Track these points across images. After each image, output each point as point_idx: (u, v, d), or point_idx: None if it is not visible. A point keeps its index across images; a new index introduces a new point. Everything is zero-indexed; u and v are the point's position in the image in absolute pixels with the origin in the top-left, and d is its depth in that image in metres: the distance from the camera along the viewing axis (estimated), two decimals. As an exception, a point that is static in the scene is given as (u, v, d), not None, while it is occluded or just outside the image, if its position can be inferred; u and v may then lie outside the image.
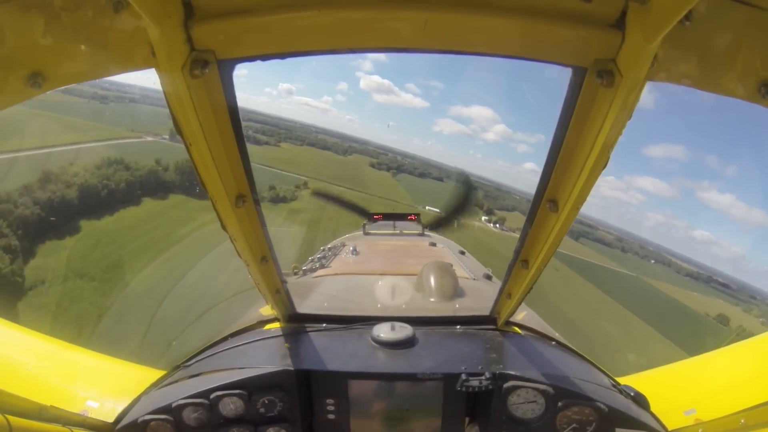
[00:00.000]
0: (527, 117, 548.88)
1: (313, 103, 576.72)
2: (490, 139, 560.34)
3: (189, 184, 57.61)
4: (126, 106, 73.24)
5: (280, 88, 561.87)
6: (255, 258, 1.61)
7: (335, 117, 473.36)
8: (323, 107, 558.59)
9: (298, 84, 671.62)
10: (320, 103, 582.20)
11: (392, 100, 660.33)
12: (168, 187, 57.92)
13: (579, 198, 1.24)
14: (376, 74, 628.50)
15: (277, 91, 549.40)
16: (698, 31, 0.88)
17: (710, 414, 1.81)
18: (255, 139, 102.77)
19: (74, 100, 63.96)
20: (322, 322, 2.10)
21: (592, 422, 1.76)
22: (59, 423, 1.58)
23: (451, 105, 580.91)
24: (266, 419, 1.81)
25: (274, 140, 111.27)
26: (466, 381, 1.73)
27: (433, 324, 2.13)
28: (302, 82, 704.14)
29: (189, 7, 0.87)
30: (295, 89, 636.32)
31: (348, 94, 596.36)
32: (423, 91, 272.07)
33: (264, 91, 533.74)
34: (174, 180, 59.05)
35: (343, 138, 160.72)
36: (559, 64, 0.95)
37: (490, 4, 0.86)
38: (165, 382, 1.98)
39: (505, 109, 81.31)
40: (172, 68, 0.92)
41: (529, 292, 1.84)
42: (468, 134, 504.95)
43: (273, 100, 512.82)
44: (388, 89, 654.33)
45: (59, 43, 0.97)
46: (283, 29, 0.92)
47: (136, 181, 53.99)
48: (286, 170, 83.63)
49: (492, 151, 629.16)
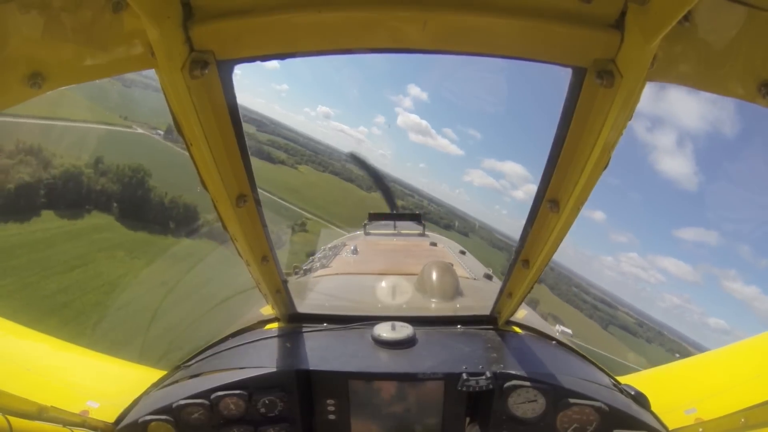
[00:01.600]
0: None
1: (348, 131, 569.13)
2: (519, 197, 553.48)
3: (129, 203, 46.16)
4: (146, 94, 66.46)
5: (319, 110, 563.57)
6: (256, 258, 1.62)
7: (368, 149, 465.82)
8: (358, 137, 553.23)
9: (336, 109, 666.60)
10: (356, 132, 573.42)
11: (427, 142, 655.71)
12: (94, 200, 43.80)
13: (580, 198, 1.25)
14: (415, 113, 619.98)
15: (315, 112, 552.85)
16: (698, 31, 0.88)
17: (711, 413, 1.81)
18: (269, 156, 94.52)
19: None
20: (323, 322, 2.10)
21: (593, 422, 1.76)
22: (59, 423, 1.58)
23: (485, 157, 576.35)
24: (267, 419, 1.82)
25: (293, 161, 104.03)
26: (466, 381, 1.73)
27: (434, 324, 2.13)
28: (341, 107, 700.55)
29: (188, 7, 0.87)
30: (333, 114, 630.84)
31: (384, 128, 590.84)
32: (460, 138, 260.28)
33: (303, 110, 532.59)
34: (109, 190, 45.92)
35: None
36: (558, 64, 0.95)
37: (489, 4, 0.86)
38: (165, 383, 1.98)
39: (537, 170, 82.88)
40: (172, 69, 0.92)
41: (529, 292, 1.84)
42: (497, 189, 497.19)
43: (310, 120, 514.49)
44: (425, 130, 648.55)
45: (59, 44, 0.97)
46: (283, 30, 0.92)
47: (39, 184, 36.42)
48: (288, 200, 74.73)
49: (518, 210, 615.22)
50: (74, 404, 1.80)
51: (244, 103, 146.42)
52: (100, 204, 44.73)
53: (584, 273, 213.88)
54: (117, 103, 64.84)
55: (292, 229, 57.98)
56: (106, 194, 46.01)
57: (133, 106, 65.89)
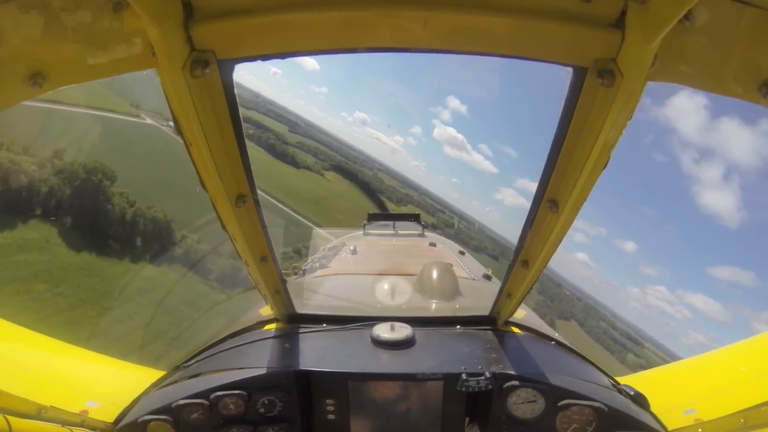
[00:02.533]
0: (594, 208, 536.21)
1: (383, 139, 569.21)
2: None
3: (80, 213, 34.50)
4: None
5: (356, 116, 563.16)
6: (255, 258, 1.61)
7: (402, 159, 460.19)
8: (393, 146, 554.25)
9: (373, 116, 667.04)
10: (391, 141, 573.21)
11: (462, 157, 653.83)
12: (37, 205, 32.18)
13: (579, 198, 1.25)
14: (452, 126, 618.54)
15: (352, 118, 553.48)
16: (698, 31, 0.88)
17: (710, 414, 1.81)
18: (293, 159, 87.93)
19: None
20: (322, 323, 2.10)
21: (592, 422, 1.76)
22: (59, 423, 1.58)
23: (519, 176, 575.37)
24: (266, 419, 1.81)
25: (320, 166, 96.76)
26: (465, 381, 1.72)
27: (433, 324, 2.13)
28: (378, 115, 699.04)
29: (189, 7, 0.87)
30: (370, 121, 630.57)
31: (420, 139, 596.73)
32: (495, 155, 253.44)
33: (340, 115, 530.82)
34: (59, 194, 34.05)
35: (404, 182, 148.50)
36: (559, 63, 0.95)
37: (489, 4, 0.86)
38: (165, 383, 1.98)
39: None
40: (173, 68, 0.92)
41: (529, 293, 1.84)
42: (527, 210, 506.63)
43: (347, 126, 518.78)
44: (460, 145, 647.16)
45: (59, 43, 0.97)
46: (283, 29, 0.92)
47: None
48: (303, 214, 64.57)
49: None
50: (74, 404, 1.80)
51: (282, 103, 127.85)
52: (46, 211, 32.57)
53: (608, 302, 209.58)
54: (130, 89, 55.12)
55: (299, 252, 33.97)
56: (55, 198, 33.86)
57: (151, 94, 54.99)
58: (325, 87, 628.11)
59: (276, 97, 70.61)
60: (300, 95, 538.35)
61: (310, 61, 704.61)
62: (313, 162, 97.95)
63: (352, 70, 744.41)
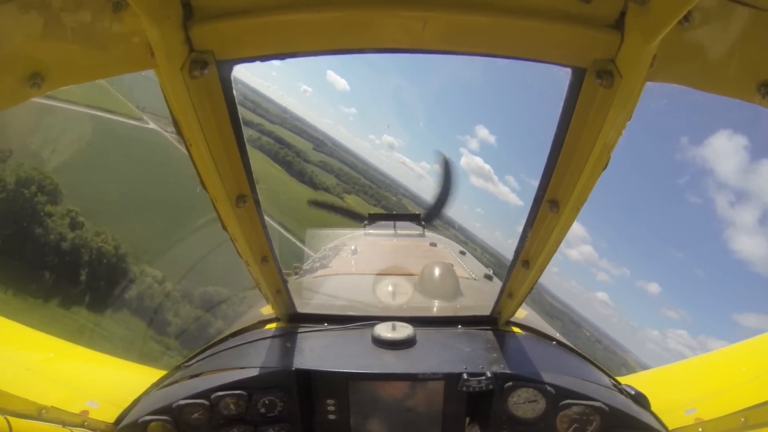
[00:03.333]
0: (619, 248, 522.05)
1: (410, 164, 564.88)
2: (572, 257, 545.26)
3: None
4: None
5: (384, 139, 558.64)
6: (255, 258, 1.61)
7: (427, 185, 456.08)
8: (419, 172, 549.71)
9: (401, 140, 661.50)
10: (417, 167, 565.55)
11: (488, 188, 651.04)
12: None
13: (579, 198, 1.25)
14: (479, 156, 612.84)
15: (380, 141, 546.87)
16: (697, 31, 0.88)
17: (711, 413, 1.81)
18: (311, 180, 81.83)
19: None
20: (323, 322, 2.10)
21: (593, 422, 1.76)
22: (59, 423, 1.59)
23: None
24: (267, 419, 1.82)
25: (341, 189, 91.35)
26: (466, 381, 1.72)
27: (434, 324, 2.13)
28: (406, 139, 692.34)
29: (188, 7, 0.87)
30: (397, 145, 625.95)
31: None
32: (522, 188, 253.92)
33: (368, 137, 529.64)
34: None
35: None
36: (558, 64, 0.95)
37: (489, 4, 0.86)
38: (165, 383, 1.98)
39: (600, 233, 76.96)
40: (172, 69, 0.92)
41: (530, 293, 1.84)
42: None
43: (374, 148, 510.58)
44: (487, 175, 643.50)
45: (59, 44, 0.97)
46: (283, 30, 0.92)
47: None
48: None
49: (569, 270, 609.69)
50: (74, 404, 1.80)
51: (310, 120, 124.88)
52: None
53: (627, 344, 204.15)
54: (138, 90, 50.72)
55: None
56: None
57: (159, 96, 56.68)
58: (354, 108, 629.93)
59: (305, 114, 68.98)
60: (329, 114, 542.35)
61: (340, 81, 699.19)
62: (334, 183, 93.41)
63: (383, 92, 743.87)
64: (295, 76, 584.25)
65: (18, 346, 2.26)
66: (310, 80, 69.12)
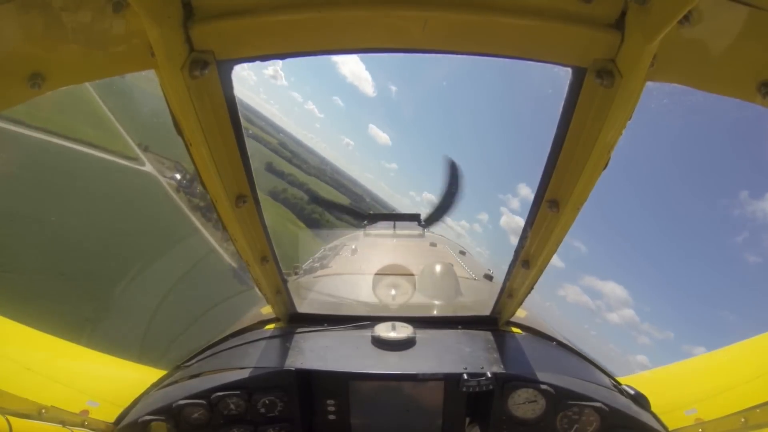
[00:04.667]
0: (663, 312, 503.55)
1: (449, 223, 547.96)
2: (612, 320, 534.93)
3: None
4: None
5: (424, 196, 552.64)
6: (255, 258, 1.61)
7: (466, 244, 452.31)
8: (458, 231, 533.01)
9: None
10: (456, 226, 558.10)
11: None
12: None
13: (579, 198, 1.25)
14: (520, 216, 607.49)
15: (420, 198, 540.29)
16: (698, 31, 0.88)
17: (711, 413, 1.81)
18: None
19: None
20: (323, 322, 2.10)
21: (593, 422, 1.76)
22: (59, 423, 1.58)
23: (586, 273, 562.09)
24: (267, 419, 1.82)
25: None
26: (466, 381, 1.72)
27: (434, 324, 2.13)
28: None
29: (188, 7, 0.87)
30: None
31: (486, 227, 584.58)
32: (563, 249, 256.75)
33: (408, 194, 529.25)
34: None
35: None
36: (558, 64, 0.95)
37: (489, 4, 0.86)
38: (165, 382, 1.98)
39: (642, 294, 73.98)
40: (172, 69, 0.92)
41: (530, 293, 1.83)
42: (591, 309, 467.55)
43: (414, 205, 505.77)
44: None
45: (59, 44, 0.97)
46: (283, 30, 0.92)
47: None
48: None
49: (608, 333, 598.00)
50: (74, 404, 1.80)
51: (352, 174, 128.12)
52: None
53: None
54: (148, 130, 42.94)
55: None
56: None
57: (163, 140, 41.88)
58: (395, 163, 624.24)
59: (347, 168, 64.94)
60: (370, 169, 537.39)
61: (382, 136, 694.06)
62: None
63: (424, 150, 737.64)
64: (338, 128, 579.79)
65: (18, 345, 2.26)
66: (354, 134, 66.89)
